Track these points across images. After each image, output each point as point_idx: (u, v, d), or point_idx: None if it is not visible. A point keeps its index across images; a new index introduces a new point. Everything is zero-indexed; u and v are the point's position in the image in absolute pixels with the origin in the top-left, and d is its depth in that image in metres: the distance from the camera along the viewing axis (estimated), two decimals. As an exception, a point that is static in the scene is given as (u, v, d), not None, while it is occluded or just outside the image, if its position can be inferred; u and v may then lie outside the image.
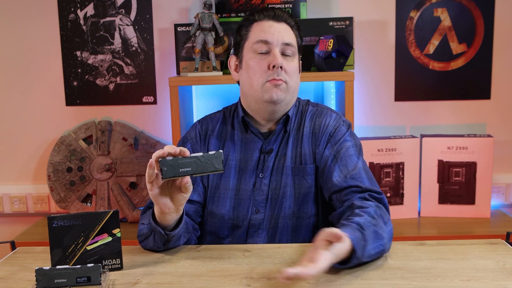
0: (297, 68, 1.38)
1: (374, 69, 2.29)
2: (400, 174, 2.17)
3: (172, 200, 1.17)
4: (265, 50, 1.34)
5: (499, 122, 2.31)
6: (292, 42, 1.36)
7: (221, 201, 1.39)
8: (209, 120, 1.47)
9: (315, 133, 1.40)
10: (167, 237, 1.21)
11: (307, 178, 1.37)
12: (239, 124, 1.43)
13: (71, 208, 2.29)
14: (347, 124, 1.42)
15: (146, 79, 2.32)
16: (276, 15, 1.37)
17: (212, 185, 1.41)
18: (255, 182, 1.38)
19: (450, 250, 1.20)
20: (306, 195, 1.37)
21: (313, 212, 1.38)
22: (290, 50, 1.35)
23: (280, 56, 1.33)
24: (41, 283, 1.03)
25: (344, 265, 1.08)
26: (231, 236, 1.40)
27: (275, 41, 1.34)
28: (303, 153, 1.38)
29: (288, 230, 1.37)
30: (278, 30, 1.35)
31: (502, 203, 2.33)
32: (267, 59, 1.34)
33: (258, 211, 1.37)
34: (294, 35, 1.39)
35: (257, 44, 1.35)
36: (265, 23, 1.36)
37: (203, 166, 1.10)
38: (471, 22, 2.24)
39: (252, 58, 1.35)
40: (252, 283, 1.05)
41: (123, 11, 2.29)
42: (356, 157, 1.35)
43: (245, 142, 1.42)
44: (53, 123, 2.37)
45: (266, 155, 1.39)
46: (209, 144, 1.43)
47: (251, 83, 1.35)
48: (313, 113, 1.43)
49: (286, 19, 1.38)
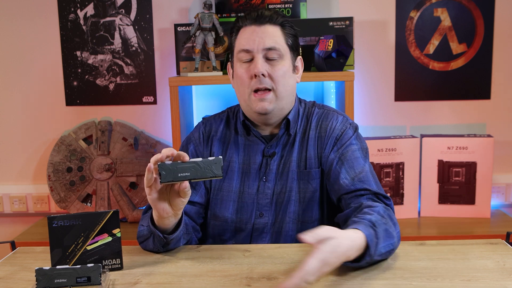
0: (285, 71, 1.32)
1: (374, 69, 2.29)
2: (400, 174, 2.17)
3: (170, 205, 1.17)
4: (248, 58, 1.32)
5: (499, 122, 2.31)
6: (276, 45, 1.30)
7: (224, 204, 1.38)
8: (212, 121, 1.46)
9: (321, 137, 1.37)
10: (166, 240, 1.21)
11: (312, 182, 1.36)
12: (242, 127, 1.41)
13: (71, 208, 2.29)
14: (353, 127, 1.39)
15: (146, 79, 2.32)
16: (259, 16, 1.31)
17: (215, 187, 1.40)
18: (258, 186, 1.37)
19: (450, 250, 1.20)
20: (311, 199, 1.36)
21: (317, 216, 1.36)
22: (275, 54, 1.30)
23: (263, 63, 1.29)
24: (41, 283, 1.03)
25: (356, 263, 1.06)
26: (234, 239, 1.39)
27: (255, 48, 1.29)
28: (308, 157, 1.36)
29: (293, 234, 1.36)
30: (260, 35, 1.30)
31: (502, 203, 2.33)
32: (250, 67, 1.31)
33: (262, 215, 1.36)
34: (282, 34, 1.33)
35: (240, 54, 1.32)
36: (248, 29, 1.32)
37: (202, 172, 1.10)
38: (471, 22, 2.24)
39: (239, 67, 1.33)
40: (252, 283, 1.05)
41: (123, 11, 2.29)
42: (362, 160, 1.34)
43: (248, 145, 1.40)
44: (53, 123, 2.37)
45: (269, 159, 1.37)
46: (212, 146, 1.42)
47: (240, 93, 1.35)
48: (319, 116, 1.40)
49: (270, 19, 1.32)
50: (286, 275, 1.08)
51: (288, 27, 1.35)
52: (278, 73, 1.30)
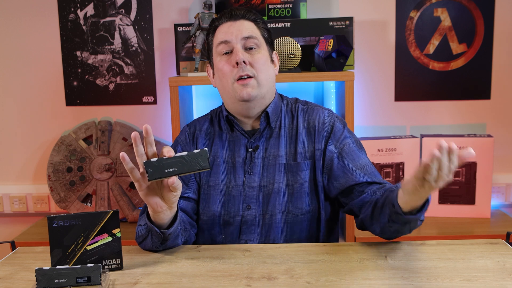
0: (265, 59, 1.38)
1: (374, 69, 2.29)
2: (400, 174, 2.17)
3: (163, 199, 1.18)
4: (228, 50, 1.37)
5: (499, 122, 2.31)
6: (253, 35, 1.37)
7: (212, 198, 1.41)
8: (196, 123, 1.51)
9: (310, 131, 1.41)
10: (163, 235, 1.21)
11: (301, 174, 1.38)
12: (225, 124, 1.45)
13: (71, 208, 2.29)
14: (341, 120, 1.44)
15: (146, 79, 2.32)
16: (233, 15, 1.39)
17: (203, 182, 1.43)
18: (244, 179, 1.40)
19: (450, 250, 1.20)
20: (299, 191, 1.38)
21: (307, 208, 1.38)
22: (252, 43, 1.37)
23: (242, 52, 1.35)
24: (41, 283, 1.03)
25: (415, 214, 1.14)
26: (223, 233, 1.41)
27: (234, 38, 1.36)
28: (298, 150, 1.40)
29: (283, 227, 1.38)
30: (237, 28, 1.37)
31: (502, 203, 2.33)
32: (231, 58, 1.36)
33: (249, 207, 1.38)
34: (256, 28, 1.40)
35: (220, 46, 1.38)
36: (224, 25, 1.39)
37: (188, 165, 1.10)
38: (471, 22, 2.24)
39: (219, 61, 1.38)
40: (252, 283, 1.05)
41: (123, 11, 2.29)
42: (360, 152, 1.39)
43: (232, 140, 1.44)
44: (53, 123, 2.37)
45: (253, 152, 1.41)
46: (197, 143, 1.46)
47: (223, 85, 1.39)
48: (304, 111, 1.45)
49: (244, 15, 1.39)
50: (286, 275, 1.08)
51: (262, 22, 1.43)
52: (258, 61, 1.36)
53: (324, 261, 1.15)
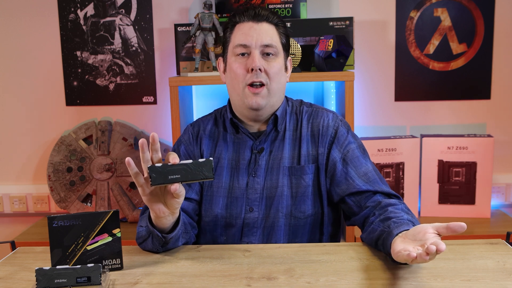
0: (280, 68, 1.37)
1: (374, 69, 2.29)
2: (400, 174, 2.17)
3: (166, 205, 1.17)
4: (245, 52, 1.35)
5: (499, 122, 2.31)
6: (273, 43, 1.35)
7: (214, 200, 1.40)
8: (200, 122, 1.49)
9: (314, 134, 1.40)
10: (165, 239, 1.21)
11: (305, 177, 1.38)
12: (230, 125, 1.44)
13: (71, 208, 2.29)
14: (345, 124, 1.43)
15: (146, 79, 2.32)
16: (257, 15, 1.36)
17: (205, 184, 1.42)
18: (247, 181, 1.39)
19: (450, 250, 1.20)
20: (303, 194, 1.37)
21: (310, 212, 1.38)
22: (271, 50, 1.35)
23: (259, 59, 1.33)
24: (41, 283, 1.03)
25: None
26: (225, 235, 1.40)
27: (254, 43, 1.33)
28: (302, 154, 1.39)
29: (285, 230, 1.37)
30: (258, 32, 1.34)
31: (502, 203, 2.33)
32: (247, 61, 1.34)
33: (252, 210, 1.38)
34: (277, 33, 1.37)
35: (237, 48, 1.36)
36: (245, 25, 1.36)
37: (192, 174, 1.10)
38: (471, 22, 2.24)
39: (234, 61, 1.36)
40: (252, 283, 1.05)
41: (123, 11, 2.29)
42: (363, 158, 1.38)
43: (237, 142, 1.43)
44: (53, 123, 2.37)
45: (258, 155, 1.40)
46: (201, 144, 1.44)
47: (234, 86, 1.37)
48: (309, 114, 1.44)
49: (267, 18, 1.36)
50: (286, 275, 1.08)
51: (283, 27, 1.40)
52: (273, 70, 1.34)
53: (324, 261, 1.15)
